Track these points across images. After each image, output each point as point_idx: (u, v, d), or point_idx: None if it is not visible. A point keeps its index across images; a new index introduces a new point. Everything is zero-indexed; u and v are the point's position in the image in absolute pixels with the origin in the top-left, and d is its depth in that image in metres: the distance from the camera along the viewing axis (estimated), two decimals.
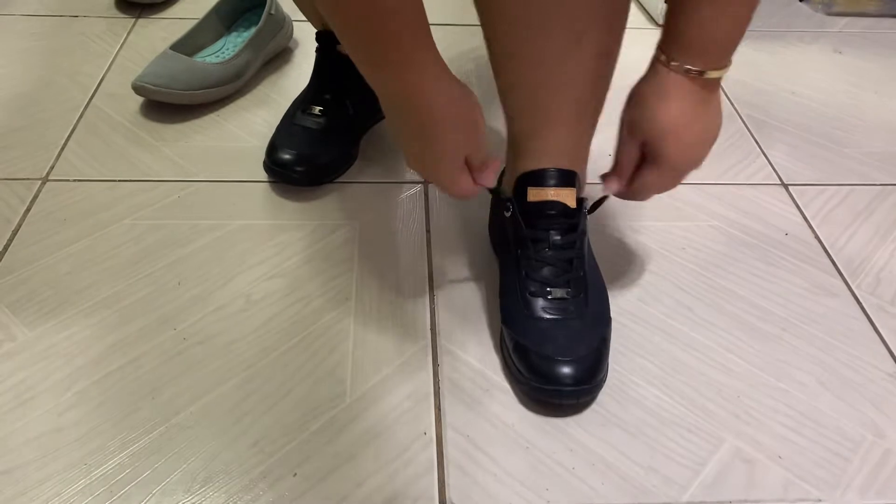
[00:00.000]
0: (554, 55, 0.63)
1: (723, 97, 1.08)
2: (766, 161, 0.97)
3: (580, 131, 0.69)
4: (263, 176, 0.89)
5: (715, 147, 0.97)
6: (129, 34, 1.14)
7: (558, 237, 0.70)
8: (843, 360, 0.72)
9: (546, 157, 0.68)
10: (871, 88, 1.12)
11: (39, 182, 0.87)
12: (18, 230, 0.81)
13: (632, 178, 0.67)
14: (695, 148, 0.64)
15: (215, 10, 1.06)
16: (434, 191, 0.89)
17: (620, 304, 0.76)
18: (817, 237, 0.86)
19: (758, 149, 0.99)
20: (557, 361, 0.64)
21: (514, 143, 0.71)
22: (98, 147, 0.92)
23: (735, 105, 1.07)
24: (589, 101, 0.67)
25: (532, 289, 0.69)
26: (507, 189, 0.73)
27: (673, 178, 0.66)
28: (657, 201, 0.88)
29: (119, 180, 0.87)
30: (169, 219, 0.83)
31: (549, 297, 0.68)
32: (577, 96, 0.66)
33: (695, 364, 0.71)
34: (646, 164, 0.65)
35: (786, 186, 0.93)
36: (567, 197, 0.69)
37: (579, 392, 0.65)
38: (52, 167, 0.89)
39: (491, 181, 0.66)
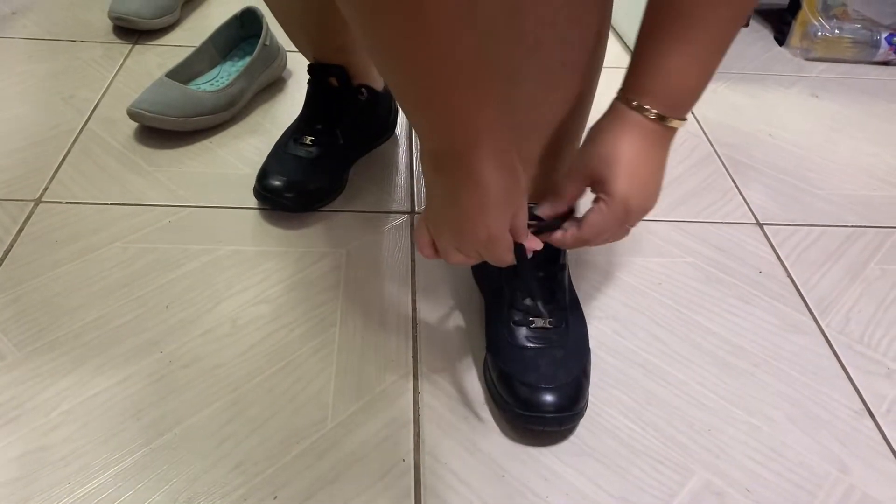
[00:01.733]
0: (525, 103, 0.65)
1: (702, 137, 1.11)
2: (743, 200, 1.00)
3: (555, 168, 0.71)
4: (253, 202, 0.91)
5: (694, 186, 1.01)
6: (125, 60, 1.17)
7: (541, 271, 0.72)
8: (811, 396, 0.75)
9: None
10: (846, 132, 1.16)
11: (33, 203, 0.88)
12: (10, 250, 0.82)
13: (581, 222, 0.65)
14: (646, 189, 0.63)
15: (211, 40, 1.09)
16: None
17: (597, 336, 0.78)
18: (790, 276, 0.88)
19: (735, 188, 1.02)
20: (540, 389, 0.66)
21: None
22: (92, 170, 0.94)
23: (714, 145, 1.10)
24: (563, 142, 0.69)
25: (516, 318, 0.71)
26: None
27: (621, 220, 0.64)
28: (635, 237, 0.91)
29: (111, 203, 0.89)
30: (159, 243, 0.85)
31: (532, 325, 0.71)
32: (551, 139, 0.68)
33: (668, 397, 0.73)
34: (595, 204, 0.64)
35: (761, 225, 0.96)
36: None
37: (562, 419, 0.67)
38: (45, 189, 0.90)
39: (535, 246, 0.64)
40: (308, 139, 0.91)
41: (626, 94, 0.62)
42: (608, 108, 0.64)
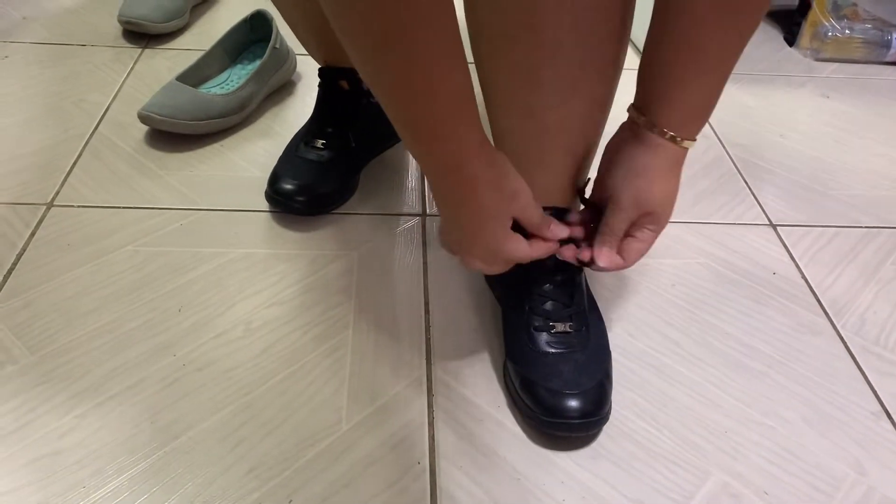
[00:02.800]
0: (545, 106, 0.65)
1: (713, 138, 1.11)
2: (756, 201, 0.99)
3: (573, 173, 0.71)
4: (265, 205, 0.91)
5: (706, 187, 1.00)
6: (135, 64, 1.17)
7: (558, 275, 0.72)
8: (828, 398, 0.74)
9: (538, 199, 0.70)
10: (857, 132, 1.16)
11: (45, 207, 0.88)
12: (23, 254, 0.82)
13: (625, 251, 0.68)
14: (672, 208, 0.68)
15: (221, 43, 1.09)
16: (432, 223, 0.91)
17: (610, 338, 0.78)
18: (804, 277, 0.88)
19: (747, 189, 1.01)
20: (565, 395, 0.66)
21: None
22: (103, 174, 0.94)
23: (726, 146, 1.10)
24: (581, 145, 0.69)
25: (536, 323, 0.71)
26: None
27: (655, 240, 0.69)
28: None
29: (122, 207, 0.89)
30: (171, 246, 0.84)
31: (553, 330, 0.70)
32: (570, 143, 0.68)
33: (683, 399, 0.73)
34: (639, 234, 0.67)
35: (774, 227, 0.95)
36: None
37: (588, 424, 0.67)
38: (57, 193, 0.90)
39: (560, 233, 0.67)
40: (319, 142, 0.91)
41: (647, 116, 0.63)
42: (631, 135, 0.65)
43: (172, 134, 0.99)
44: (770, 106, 1.21)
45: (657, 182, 0.65)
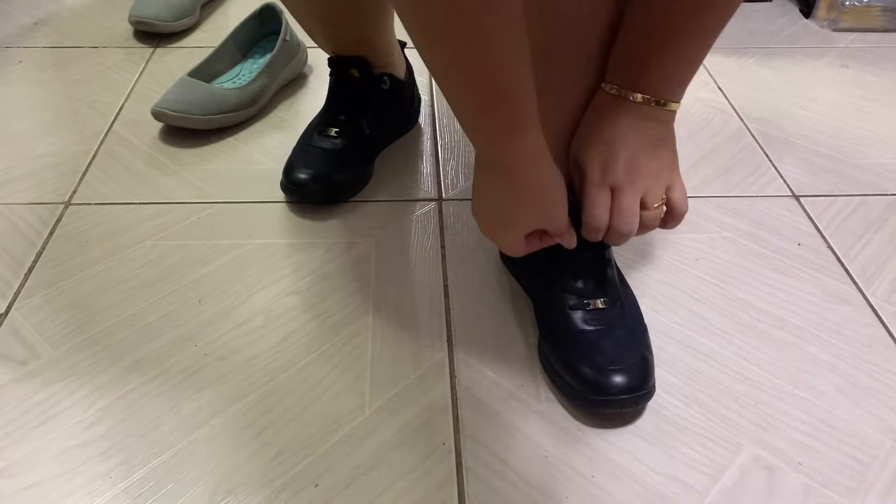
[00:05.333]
0: (563, 83, 0.65)
1: (731, 113, 1.09)
2: (777, 174, 0.97)
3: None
4: (280, 196, 0.90)
5: (725, 161, 0.99)
6: (147, 63, 1.17)
7: (588, 251, 0.70)
8: (860, 366, 0.72)
9: None
10: (879, 101, 1.13)
11: (62, 206, 0.89)
12: (42, 252, 0.82)
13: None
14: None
15: (231, 38, 1.09)
16: (449, 207, 0.90)
17: None
18: (830, 247, 0.86)
19: (768, 162, 0.99)
20: (610, 371, 0.65)
21: None
22: (118, 171, 0.94)
23: (744, 120, 1.08)
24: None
25: (571, 302, 0.70)
26: None
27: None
28: None
29: (140, 203, 0.89)
30: (189, 239, 0.84)
31: (588, 308, 0.69)
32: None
33: (711, 373, 0.71)
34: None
35: (797, 198, 0.93)
36: None
37: (637, 398, 0.65)
38: (74, 191, 0.91)
39: (572, 243, 0.66)
40: (332, 131, 0.90)
41: (626, 87, 0.63)
42: (609, 109, 0.64)
43: (186, 129, 0.99)
44: (788, 79, 1.18)
45: (657, 156, 0.64)
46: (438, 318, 0.76)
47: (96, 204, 0.89)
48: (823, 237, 0.87)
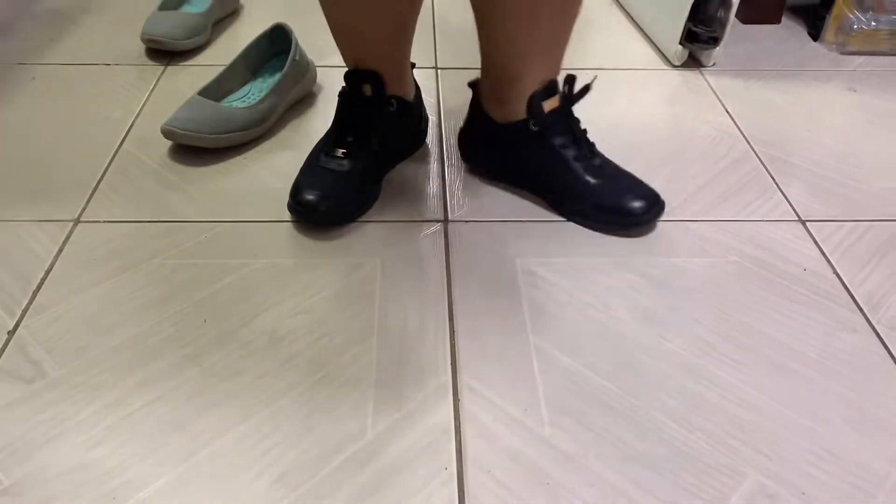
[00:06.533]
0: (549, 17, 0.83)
1: (738, 136, 1.09)
2: (784, 198, 0.97)
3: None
4: (287, 216, 0.91)
5: (732, 184, 0.99)
6: (158, 81, 1.18)
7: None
8: (865, 395, 0.72)
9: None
10: (887, 126, 1.13)
11: (71, 223, 0.89)
12: (51, 270, 0.83)
13: None
14: None
15: (242, 57, 1.10)
16: (455, 228, 0.90)
17: (641, 341, 0.77)
18: (836, 273, 0.86)
19: (775, 186, 0.99)
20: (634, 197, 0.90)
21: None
22: (128, 189, 0.95)
23: (751, 143, 1.08)
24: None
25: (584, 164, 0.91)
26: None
27: None
28: (675, 237, 0.89)
29: (148, 221, 0.90)
30: (196, 258, 0.85)
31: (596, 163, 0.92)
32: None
33: (716, 400, 0.71)
34: None
35: (803, 223, 0.93)
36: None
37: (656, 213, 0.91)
38: (83, 209, 0.92)
39: None
40: (339, 151, 0.91)
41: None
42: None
43: (195, 148, 1.00)
44: (796, 102, 1.19)
45: None
46: (443, 341, 0.76)
47: (105, 222, 0.90)
48: (830, 262, 0.87)
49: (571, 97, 0.90)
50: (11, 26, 1.33)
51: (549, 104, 0.89)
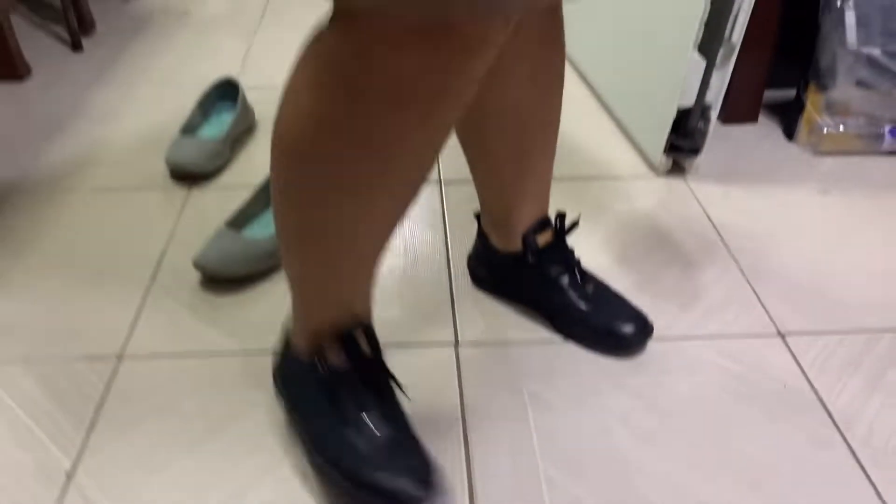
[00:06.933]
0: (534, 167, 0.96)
1: (719, 244, 1.19)
2: (764, 311, 1.06)
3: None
4: None
5: (716, 300, 1.08)
6: (185, 206, 1.28)
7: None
8: None
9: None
10: (858, 229, 1.23)
11: (115, 359, 0.98)
12: (101, 408, 0.91)
13: None
14: None
15: (263, 187, 1.20)
16: (466, 353, 0.99)
17: (627, 456, 0.85)
18: (813, 388, 0.95)
19: (756, 298, 1.09)
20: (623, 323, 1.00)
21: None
22: (164, 322, 1.04)
23: (733, 253, 1.17)
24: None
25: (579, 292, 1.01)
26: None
27: None
28: (664, 355, 0.98)
29: (187, 353, 0.99)
30: (231, 390, 0.93)
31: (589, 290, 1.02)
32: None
33: None
34: None
35: (783, 336, 1.02)
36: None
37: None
38: (125, 344, 1.00)
39: None
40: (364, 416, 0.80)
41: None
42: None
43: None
44: (772, 206, 1.29)
45: None
46: (461, 475, 0.85)
47: (147, 355, 0.99)
48: (807, 378, 0.96)
49: (563, 232, 0.99)
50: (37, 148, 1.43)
51: (544, 238, 0.99)
